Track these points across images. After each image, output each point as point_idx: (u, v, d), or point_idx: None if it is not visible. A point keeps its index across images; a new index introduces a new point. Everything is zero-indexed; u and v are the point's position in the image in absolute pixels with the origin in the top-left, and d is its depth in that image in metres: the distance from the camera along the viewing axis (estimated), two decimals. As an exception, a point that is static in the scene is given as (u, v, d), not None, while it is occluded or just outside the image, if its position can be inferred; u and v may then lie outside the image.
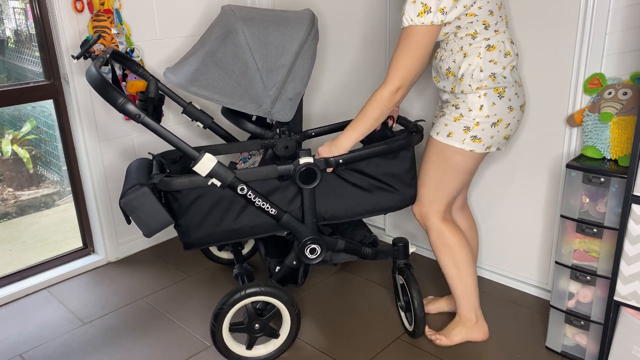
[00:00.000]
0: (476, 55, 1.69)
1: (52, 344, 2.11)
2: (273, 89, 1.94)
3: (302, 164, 1.75)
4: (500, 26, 1.70)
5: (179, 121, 2.82)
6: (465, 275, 1.91)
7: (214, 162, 1.68)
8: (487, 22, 1.67)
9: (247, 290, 1.84)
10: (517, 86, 1.77)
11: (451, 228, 1.89)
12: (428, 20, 1.60)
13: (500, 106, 1.72)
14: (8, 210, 3.09)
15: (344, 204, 1.88)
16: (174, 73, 1.96)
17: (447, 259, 1.91)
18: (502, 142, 1.79)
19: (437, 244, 1.91)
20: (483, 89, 1.70)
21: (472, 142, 1.74)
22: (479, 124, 1.72)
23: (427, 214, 1.89)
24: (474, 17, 1.65)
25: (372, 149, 1.83)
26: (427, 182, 1.87)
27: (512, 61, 1.71)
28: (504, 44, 1.70)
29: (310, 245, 1.87)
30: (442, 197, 1.86)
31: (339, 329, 2.12)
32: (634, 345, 1.62)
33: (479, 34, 1.68)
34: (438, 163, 1.82)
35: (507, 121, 1.75)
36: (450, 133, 1.76)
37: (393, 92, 1.69)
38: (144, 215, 1.70)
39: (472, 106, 1.72)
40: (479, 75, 1.69)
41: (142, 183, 1.71)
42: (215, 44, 1.92)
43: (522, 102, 1.80)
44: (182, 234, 1.84)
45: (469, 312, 1.95)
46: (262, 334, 1.92)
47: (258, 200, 1.76)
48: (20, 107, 2.99)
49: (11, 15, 2.67)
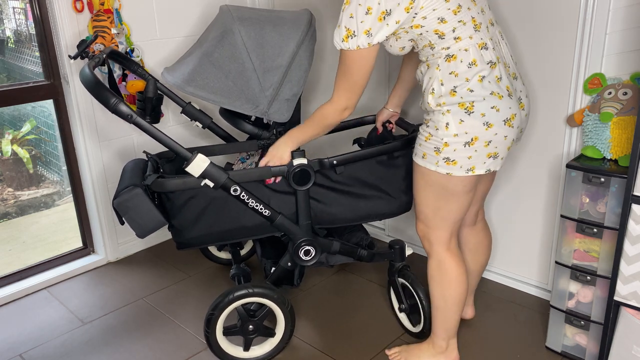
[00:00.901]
0: (435, 68, 1.54)
1: (52, 344, 2.11)
2: (270, 89, 1.94)
3: (296, 165, 1.75)
4: (464, 31, 1.50)
5: (178, 121, 2.82)
6: (451, 311, 1.77)
7: (207, 163, 1.68)
8: (439, 31, 1.50)
9: (235, 293, 1.84)
10: (495, 98, 1.52)
11: (453, 261, 1.73)
12: (354, 45, 1.51)
13: (471, 123, 1.52)
14: (8, 210, 3.09)
15: (339, 209, 1.87)
16: (171, 73, 1.96)
17: (438, 291, 1.77)
18: (489, 161, 1.58)
19: (434, 273, 1.76)
20: (445, 106, 1.53)
21: (447, 165, 1.57)
22: (448, 144, 1.54)
23: (430, 241, 1.74)
24: (422, 29, 1.51)
25: (365, 151, 1.82)
26: (422, 208, 1.71)
27: (480, 71, 1.50)
28: (467, 52, 1.50)
29: (305, 247, 1.86)
30: (442, 224, 1.69)
31: (338, 329, 2.12)
32: (634, 345, 1.62)
33: (435, 44, 1.53)
34: (425, 187, 1.66)
35: (485, 139, 1.53)
36: (424, 154, 1.61)
37: (339, 112, 1.65)
38: (137, 216, 1.70)
39: (438, 124, 1.55)
40: (439, 90, 1.53)
41: (136, 184, 1.71)
42: (212, 45, 1.92)
43: (509, 115, 1.54)
44: (175, 234, 1.84)
45: (442, 340, 1.83)
46: (257, 334, 1.92)
47: (251, 202, 1.76)
48: (20, 107, 2.99)
49: (11, 15, 2.67)
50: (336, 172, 1.81)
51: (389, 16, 1.47)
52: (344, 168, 1.82)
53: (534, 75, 2.03)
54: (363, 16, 1.47)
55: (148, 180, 1.72)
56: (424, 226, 1.74)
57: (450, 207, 1.66)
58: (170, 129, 2.79)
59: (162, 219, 1.72)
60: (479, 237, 1.98)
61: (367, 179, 1.86)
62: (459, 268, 1.74)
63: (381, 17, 1.47)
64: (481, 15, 1.55)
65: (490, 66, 1.52)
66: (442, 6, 1.48)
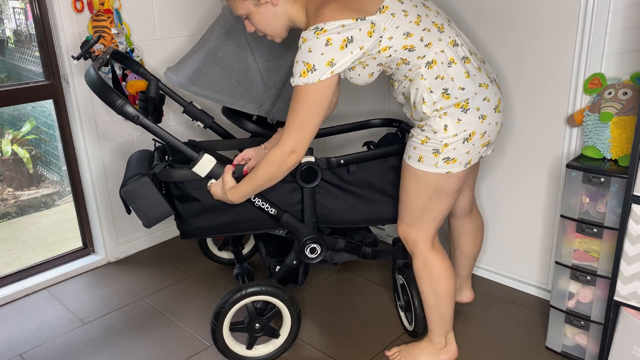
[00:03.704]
0: (419, 78, 1.55)
1: (52, 344, 2.11)
2: (274, 88, 1.94)
3: (303, 162, 1.75)
4: (432, 37, 1.53)
5: (179, 121, 2.82)
6: (444, 306, 1.78)
7: (213, 163, 1.68)
8: (407, 45, 1.52)
9: (248, 289, 1.84)
10: (484, 89, 1.57)
11: (438, 257, 1.75)
12: (314, 78, 1.47)
13: (469, 119, 1.55)
14: (8, 210, 3.09)
15: (345, 210, 1.88)
16: (174, 73, 1.96)
17: (428, 288, 1.77)
18: (482, 150, 1.63)
19: (420, 272, 1.77)
20: (442, 110, 1.54)
21: (447, 164, 1.58)
22: (447, 145, 1.56)
23: (414, 241, 1.74)
24: (390, 50, 1.52)
25: (371, 152, 1.83)
26: (410, 210, 1.71)
27: (460, 69, 1.54)
28: (444, 53, 1.53)
29: (310, 244, 1.87)
30: (429, 224, 1.71)
31: (339, 329, 2.12)
32: (634, 345, 1.62)
33: (408, 58, 1.54)
34: (419, 189, 1.65)
35: (481, 131, 1.58)
36: (420, 157, 1.60)
37: (286, 155, 1.56)
38: (144, 205, 1.69)
39: (436, 128, 1.56)
40: (431, 98, 1.54)
41: (143, 173, 1.70)
42: (216, 44, 1.92)
43: (497, 101, 1.60)
44: (180, 223, 1.84)
45: (440, 336, 1.84)
46: (263, 333, 1.92)
47: (258, 200, 1.76)
48: (20, 107, 2.99)
49: (11, 15, 2.67)
50: (349, 172, 1.82)
51: (351, 43, 1.46)
52: (357, 168, 1.82)
53: (534, 75, 2.03)
54: (323, 48, 1.46)
55: (156, 169, 1.72)
56: (408, 227, 1.74)
57: (439, 206, 1.68)
58: (171, 129, 2.79)
59: (169, 209, 1.71)
60: (477, 222, 2.04)
61: (377, 183, 1.86)
62: (445, 263, 1.76)
63: (343, 46, 1.46)
64: (439, 17, 1.59)
65: (465, 61, 1.56)
66: (404, 21, 1.50)
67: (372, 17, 1.47)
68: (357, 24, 1.46)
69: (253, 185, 1.65)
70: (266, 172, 1.61)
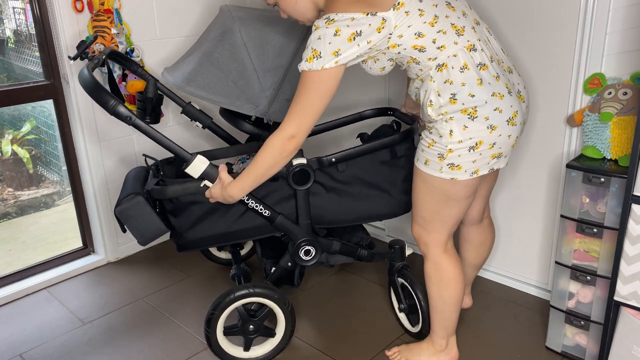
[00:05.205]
0: (429, 80, 1.52)
1: (52, 344, 2.11)
2: (270, 89, 1.94)
3: (295, 164, 1.75)
4: (447, 39, 1.49)
5: (178, 121, 2.82)
6: (450, 311, 1.78)
7: (206, 164, 1.68)
8: (418, 46, 1.49)
9: (236, 293, 1.83)
10: (497, 99, 1.51)
11: (450, 262, 1.73)
12: (318, 65, 1.47)
13: (476, 128, 1.51)
14: (8, 210, 3.09)
15: (339, 209, 1.87)
16: (171, 73, 1.96)
17: (436, 292, 1.77)
18: (492, 162, 1.57)
19: (431, 275, 1.76)
20: (447, 114, 1.51)
21: (451, 170, 1.56)
22: (452, 150, 1.53)
23: (426, 243, 1.74)
24: (399, 47, 1.51)
25: (363, 147, 1.80)
26: (420, 212, 1.70)
27: (473, 75, 1.49)
28: (457, 57, 1.49)
29: (305, 246, 1.86)
30: (440, 227, 1.69)
31: (338, 329, 2.12)
32: (634, 345, 1.62)
33: (418, 58, 1.51)
34: (427, 192, 1.65)
35: (489, 141, 1.52)
36: (427, 160, 1.60)
37: (286, 140, 1.55)
38: (139, 224, 1.71)
39: (442, 132, 1.53)
40: (437, 101, 1.51)
41: (137, 192, 1.71)
42: (212, 44, 1.92)
43: (511, 113, 1.53)
44: (176, 236, 1.84)
45: (441, 339, 1.84)
46: (258, 334, 1.92)
47: (251, 202, 1.76)
48: (20, 107, 2.99)
49: (11, 15, 2.67)
50: (338, 170, 1.81)
51: (359, 37, 1.46)
52: (346, 166, 1.81)
53: (534, 75, 2.03)
54: (331, 37, 1.46)
55: (148, 186, 1.73)
56: (421, 229, 1.74)
57: (450, 211, 1.66)
58: (170, 129, 2.79)
59: (164, 227, 1.72)
60: (485, 234, 2.00)
61: (370, 179, 1.85)
62: (456, 269, 1.74)
63: (351, 38, 1.46)
64: (463, 19, 1.54)
65: (481, 68, 1.50)
66: (417, 21, 1.47)
67: (385, 13, 1.46)
68: (367, 18, 1.46)
69: (253, 174, 1.64)
70: (267, 158, 1.60)
